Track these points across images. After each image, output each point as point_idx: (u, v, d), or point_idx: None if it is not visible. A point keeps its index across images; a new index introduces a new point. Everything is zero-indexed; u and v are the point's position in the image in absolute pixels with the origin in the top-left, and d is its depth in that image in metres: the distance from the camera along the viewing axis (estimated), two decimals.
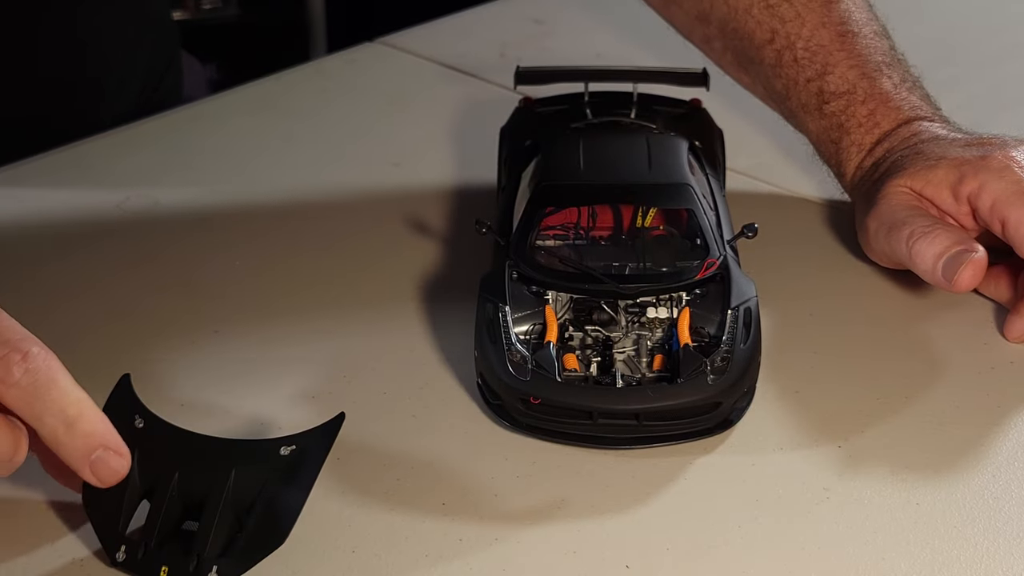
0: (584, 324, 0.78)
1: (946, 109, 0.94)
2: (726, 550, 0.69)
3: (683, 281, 0.78)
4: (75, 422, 0.66)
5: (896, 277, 0.89)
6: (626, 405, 0.74)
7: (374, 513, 0.71)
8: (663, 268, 0.79)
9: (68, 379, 0.66)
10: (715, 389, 0.73)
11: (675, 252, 0.80)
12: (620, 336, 0.78)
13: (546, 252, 0.80)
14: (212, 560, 0.66)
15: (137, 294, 0.89)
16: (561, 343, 0.77)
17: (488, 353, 0.76)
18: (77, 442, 0.66)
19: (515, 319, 0.77)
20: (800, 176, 1.01)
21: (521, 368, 0.74)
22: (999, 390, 0.79)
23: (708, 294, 0.78)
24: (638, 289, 0.78)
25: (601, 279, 0.77)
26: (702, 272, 0.78)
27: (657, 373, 0.76)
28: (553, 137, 0.88)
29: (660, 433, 0.74)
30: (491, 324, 0.76)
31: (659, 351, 0.77)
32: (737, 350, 0.75)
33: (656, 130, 0.90)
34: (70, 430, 0.66)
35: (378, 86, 1.18)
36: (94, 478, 0.66)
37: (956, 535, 0.70)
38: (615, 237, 0.81)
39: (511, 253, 0.79)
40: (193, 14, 2.09)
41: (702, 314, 0.77)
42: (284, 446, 0.68)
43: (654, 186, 0.82)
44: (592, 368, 0.77)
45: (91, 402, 0.67)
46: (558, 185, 0.83)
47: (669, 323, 0.78)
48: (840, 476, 0.73)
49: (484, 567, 0.68)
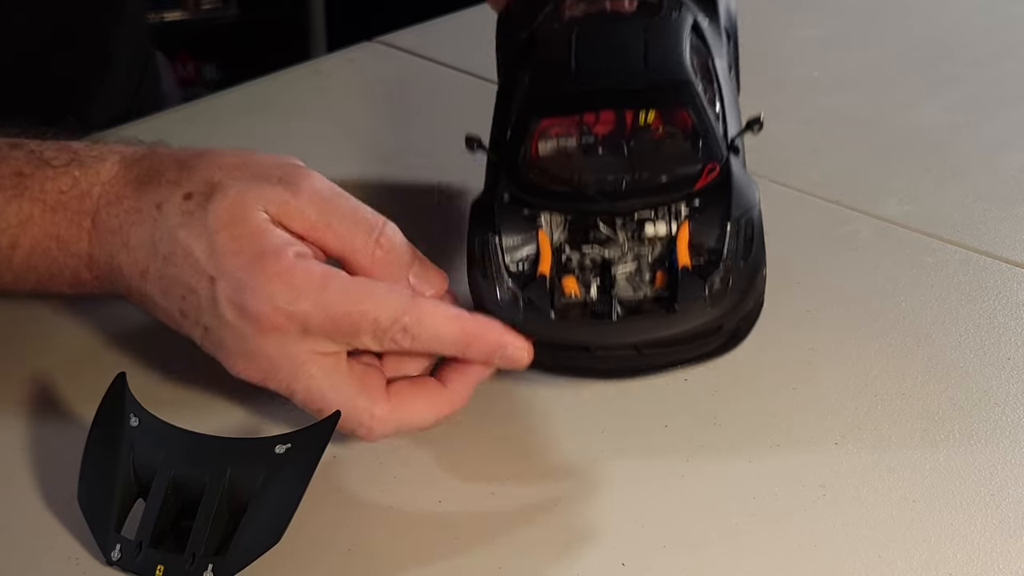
0: (581, 244, 0.75)
1: (946, 107, 0.94)
2: (722, 547, 0.69)
3: (680, 192, 0.74)
4: (468, 348, 0.72)
5: (895, 276, 0.89)
6: (621, 339, 0.72)
7: (369, 512, 0.71)
8: (661, 177, 0.74)
9: (439, 314, 0.72)
10: (714, 314, 0.71)
11: (674, 157, 0.75)
12: (619, 255, 0.74)
13: (538, 169, 0.75)
14: (207, 559, 0.66)
15: None
16: (558, 266, 0.74)
17: (479, 287, 0.74)
18: (478, 358, 0.73)
19: (508, 247, 0.74)
20: (798, 171, 1.01)
21: (512, 305, 0.72)
22: (999, 390, 0.79)
23: (709, 204, 0.74)
24: (633, 205, 0.74)
25: (594, 198, 0.73)
26: (702, 180, 0.74)
27: (658, 292, 0.73)
28: (546, 35, 0.82)
29: (662, 361, 0.73)
30: (481, 256, 0.74)
31: (661, 267, 0.74)
32: (736, 268, 0.71)
33: (654, 4, 0.82)
34: (468, 352, 0.72)
35: (377, 86, 1.18)
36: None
37: (953, 532, 0.69)
38: (611, 143, 0.76)
39: (503, 172, 0.76)
40: (193, 14, 2.09)
41: (703, 228, 0.73)
42: (279, 444, 0.68)
43: (649, 87, 0.76)
44: (592, 291, 0.74)
45: (458, 317, 0.72)
46: (548, 96, 0.77)
47: (668, 239, 0.74)
48: (837, 473, 0.73)
49: (480, 566, 0.68)
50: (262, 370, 0.71)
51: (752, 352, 0.82)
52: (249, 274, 0.70)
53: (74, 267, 0.76)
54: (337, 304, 0.70)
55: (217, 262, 0.71)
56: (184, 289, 0.72)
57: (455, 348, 0.72)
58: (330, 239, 0.73)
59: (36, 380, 0.80)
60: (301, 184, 0.73)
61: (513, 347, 0.72)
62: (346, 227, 0.73)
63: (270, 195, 0.72)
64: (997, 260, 0.91)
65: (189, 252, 0.71)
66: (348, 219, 0.73)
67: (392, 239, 0.73)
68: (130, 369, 0.72)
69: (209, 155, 0.75)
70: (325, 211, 0.73)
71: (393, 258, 0.73)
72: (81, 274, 0.76)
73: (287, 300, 0.70)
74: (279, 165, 0.74)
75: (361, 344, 0.71)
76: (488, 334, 0.72)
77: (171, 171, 0.74)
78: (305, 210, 0.72)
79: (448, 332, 0.71)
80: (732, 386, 0.79)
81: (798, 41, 1.22)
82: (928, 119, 1.08)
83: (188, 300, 0.72)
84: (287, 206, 0.72)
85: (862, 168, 1.02)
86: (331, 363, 0.71)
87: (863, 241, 0.93)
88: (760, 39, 0.98)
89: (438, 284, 0.75)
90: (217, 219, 0.71)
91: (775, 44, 1.19)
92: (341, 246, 0.73)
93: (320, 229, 0.73)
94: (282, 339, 0.70)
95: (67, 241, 0.75)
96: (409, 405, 0.73)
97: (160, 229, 0.72)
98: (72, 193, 0.75)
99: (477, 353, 0.72)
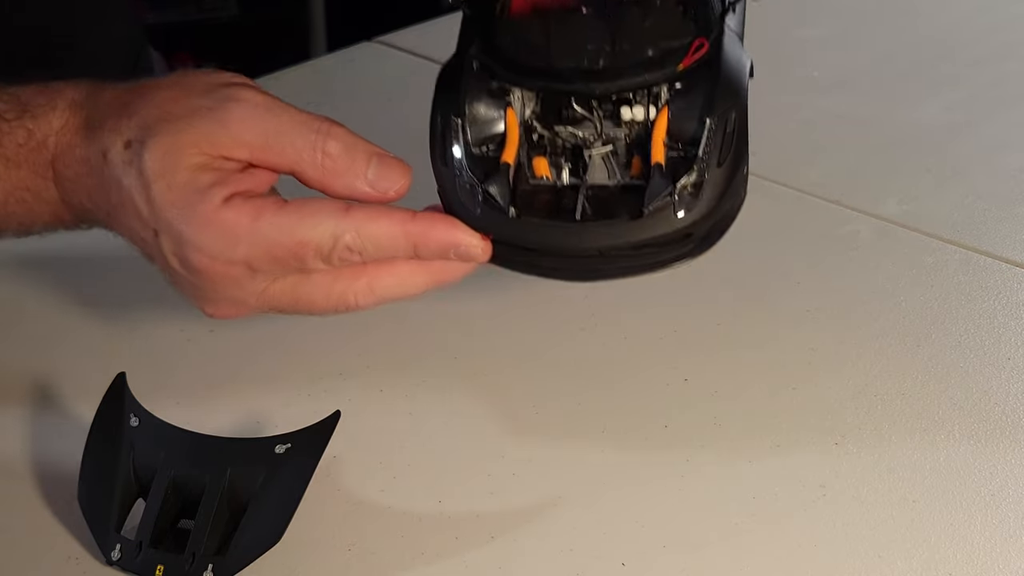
0: (554, 122, 0.70)
1: (946, 107, 0.94)
2: (722, 547, 0.69)
3: (663, 72, 0.68)
4: (418, 250, 0.68)
5: (895, 276, 0.89)
6: (583, 243, 0.67)
7: (370, 511, 0.71)
8: (644, 52, 0.68)
9: (380, 223, 0.68)
10: (683, 223, 0.66)
11: (660, 29, 0.68)
12: (593, 137, 0.69)
13: (512, 34, 0.70)
14: (207, 559, 0.66)
15: (133, 293, 0.89)
16: (529, 143, 0.70)
17: (439, 175, 0.69)
18: (433, 257, 0.69)
19: (472, 123, 0.69)
20: (798, 171, 1.01)
21: (470, 198, 0.68)
22: (998, 390, 0.79)
23: (693, 87, 0.68)
24: (609, 88, 0.68)
25: (568, 77, 0.68)
26: (687, 59, 0.68)
27: (632, 180, 0.68)
28: None
29: (628, 265, 0.68)
30: (442, 138, 0.69)
31: (639, 151, 0.69)
32: (711, 172, 0.66)
33: None
34: (420, 253, 0.69)
35: (377, 85, 1.18)
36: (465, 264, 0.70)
37: (953, 532, 0.69)
38: (594, 8, 0.69)
39: (476, 32, 0.71)
40: (193, 14, 2.09)
41: (683, 115, 0.68)
42: (279, 444, 0.68)
43: None
44: (564, 174, 0.69)
45: (400, 220, 0.68)
46: None
47: (646, 124, 0.69)
48: (836, 473, 0.73)
49: (480, 565, 0.68)
50: (232, 308, 0.71)
51: (752, 352, 0.82)
52: (185, 226, 0.68)
53: (51, 211, 0.75)
54: (272, 240, 0.68)
55: (156, 215, 0.69)
56: (138, 238, 0.71)
57: (405, 252, 0.69)
58: (272, 158, 0.69)
59: (36, 380, 0.80)
60: (231, 109, 0.70)
61: (466, 246, 0.68)
62: (286, 143, 0.69)
63: (202, 132, 0.69)
64: (997, 260, 0.91)
65: (133, 203, 0.70)
66: (287, 134, 0.69)
67: (337, 146, 0.69)
68: (130, 369, 0.72)
69: (147, 91, 0.72)
70: (261, 131, 0.69)
71: (343, 165, 0.69)
72: (61, 215, 0.75)
73: (223, 249, 0.68)
74: (210, 90, 0.71)
75: (315, 268, 0.69)
76: (436, 233, 0.68)
77: (112, 116, 0.72)
78: (241, 136, 0.69)
79: (392, 238, 0.68)
80: (732, 386, 0.79)
81: (798, 41, 1.22)
82: (928, 119, 1.08)
83: (145, 248, 0.71)
84: (220, 140, 0.69)
85: (862, 168, 1.02)
86: (294, 280, 0.70)
87: (863, 241, 0.93)
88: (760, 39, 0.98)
89: (398, 180, 0.70)
90: (152, 169, 0.69)
91: (775, 44, 1.19)
92: (287, 163, 0.70)
93: (261, 151, 0.69)
94: (234, 282, 0.69)
95: (37, 190, 0.75)
96: (386, 276, 0.70)
97: (108, 179, 0.71)
98: (29, 146, 0.74)
99: (429, 253, 0.69)
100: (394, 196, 0.70)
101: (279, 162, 0.70)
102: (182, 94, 0.71)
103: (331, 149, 0.69)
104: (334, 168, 0.69)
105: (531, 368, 0.81)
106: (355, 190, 0.69)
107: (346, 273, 0.69)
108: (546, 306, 0.87)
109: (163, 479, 0.68)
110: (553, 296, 0.87)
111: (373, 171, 0.70)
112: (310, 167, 0.69)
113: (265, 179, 0.70)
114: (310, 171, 0.69)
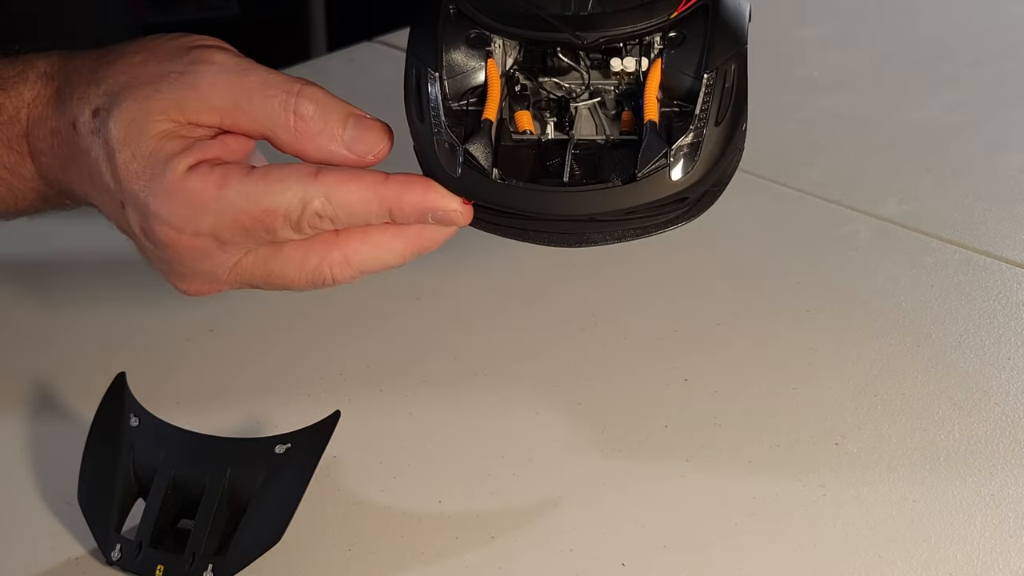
0: (538, 73, 0.66)
1: (946, 107, 0.94)
2: (722, 547, 0.69)
3: (656, 20, 0.63)
4: (394, 215, 0.65)
5: (895, 276, 0.89)
6: (571, 209, 0.63)
7: (370, 511, 0.71)
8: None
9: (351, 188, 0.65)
10: (679, 187, 0.62)
11: None
12: (580, 89, 0.66)
13: None
14: (207, 559, 0.66)
15: (133, 293, 0.89)
16: (511, 94, 0.66)
17: (416, 133, 0.65)
18: (409, 222, 0.66)
19: (450, 74, 0.65)
20: (798, 171, 1.01)
21: (450, 160, 0.63)
22: (998, 390, 0.79)
23: (688, 37, 0.64)
24: (598, 38, 0.63)
25: (553, 24, 0.63)
26: (681, 6, 0.63)
27: (623, 135, 0.65)
28: None
29: (618, 229, 0.64)
30: (417, 92, 0.65)
31: (628, 104, 0.65)
32: (709, 131, 0.62)
33: None
34: (395, 219, 0.66)
35: (377, 85, 1.17)
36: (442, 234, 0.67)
37: (953, 532, 0.69)
38: None
39: None
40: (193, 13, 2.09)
41: (678, 67, 0.64)
42: (279, 444, 0.68)
43: None
44: (548, 129, 0.65)
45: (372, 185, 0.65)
46: None
47: (638, 76, 0.65)
48: (836, 473, 0.73)
49: (480, 565, 0.68)
50: (204, 284, 0.68)
51: (752, 352, 0.82)
52: (151, 197, 0.65)
53: (32, 188, 0.73)
54: (239, 209, 0.64)
55: (121, 187, 0.66)
56: (110, 211, 0.69)
57: (379, 217, 0.65)
58: (244, 122, 0.66)
59: (36, 380, 0.80)
60: (200, 73, 0.66)
61: (444, 210, 0.65)
62: (256, 106, 0.66)
63: (169, 99, 0.66)
64: (997, 260, 0.91)
65: (101, 175, 0.67)
66: (257, 95, 0.66)
67: (310, 106, 0.65)
68: (130, 369, 0.72)
69: (116, 56, 0.69)
70: (230, 95, 0.66)
71: (316, 127, 0.65)
72: (44, 193, 0.73)
73: (188, 221, 0.65)
74: (179, 53, 0.68)
75: (285, 238, 0.66)
76: (411, 197, 0.65)
77: (82, 84, 0.69)
78: (209, 100, 0.66)
79: (365, 204, 0.65)
80: (732, 386, 0.79)
81: (798, 41, 1.22)
82: (928, 119, 1.08)
83: (118, 222, 0.69)
84: (189, 105, 0.66)
85: (862, 168, 1.02)
86: (265, 253, 0.67)
87: (863, 241, 0.93)
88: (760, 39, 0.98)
89: (377, 144, 0.66)
90: (116, 139, 0.66)
91: (775, 44, 1.19)
92: (258, 127, 0.66)
93: (232, 115, 0.66)
94: (204, 255, 0.66)
95: (14, 166, 0.72)
96: (361, 246, 0.67)
97: (78, 150, 0.69)
98: (1, 120, 0.71)
99: (405, 218, 0.65)
100: (373, 160, 0.66)
101: (250, 126, 0.66)
102: (151, 57, 0.68)
103: (303, 110, 0.65)
104: (307, 130, 0.66)
105: (531, 368, 0.81)
106: (330, 153, 0.66)
107: (318, 245, 0.66)
108: (546, 306, 0.87)
109: (163, 479, 0.68)
110: (553, 296, 0.87)
111: (350, 132, 0.66)
112: (282, 130, 0.66)
113: (237, 146, 0.67)
114: (283, 134, 0.66)
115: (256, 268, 0.67)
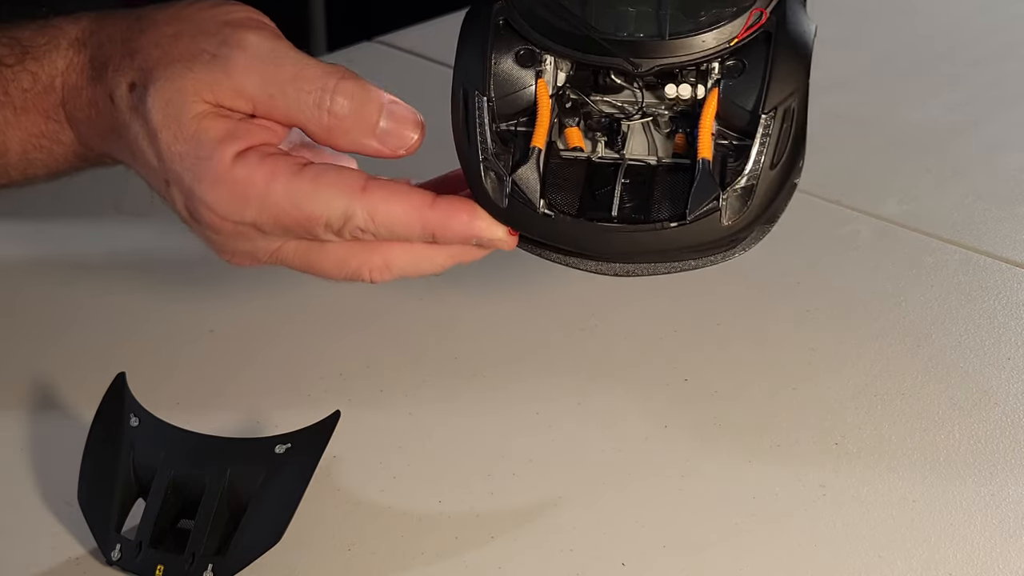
0: (590, 90, 0.64)
1: (946, 107, 0.94)
2: (722, 547, 0.69)
3: (713, 49, 0.61)
4: (436, 238, 0.65)
5: (895, 276, 0.89)
6: (619, 249, 0.62)
7: (370, 511, 0.71)
8: (693, 21, 0.61)
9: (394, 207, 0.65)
10: (729, 231, 0.61)
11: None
12: (633, 109, 0.64)
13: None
14: (207, 559, 0.66)
15: (133, 293, 0.89)
16: (560, 111, 0.64)
17: (463, 154, 0.63)
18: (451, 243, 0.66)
19: (499, 96, 0.63)
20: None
21: (496, 189, 0.62)
22: (998, 390, 0.79)
23: (748, 67, 0.62)
24: (653, 66, 0.61)
25: (608, 49, 0.62)
26: (742, 33, 0.61)
27: (675, 160, 0.63)
28: None
29: (664, 264, 0.64)
30: (465, 117, 0.63)
31: (682, 127, 0.64)
32: (763, 174, 0.61)
33: None
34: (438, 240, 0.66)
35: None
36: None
37: (953, 532, 0.69)
38: None
39: None
40: None
41: (735, 100, 0.61)
42: (279, 444, 0.68)
43: None
44: (599, 147, 0.64)
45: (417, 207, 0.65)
46: None
47: (693, 102, 0.63)
48: (836, 473, 0.73)
49: (480, 565, 0.68)
50: (246, 259, 0.69)
51: (752, 352, 0.82)
52: (194, 181, 0.65)
53: (73, 152, 0.73)
54: (281, 209, 0.65)
55: (165, 166, 0.66)
56: (154, 185, 0.69)
57: (422, 239, 0.65)
58: (277, 112, 0.66)
59: (36, 380, 0.80)
60: (234, 56, 0.65)
61: (488, 236, 0.65)
62: (290, 99, 0.65)
63: (203, 80, 0.65)
64: (997, 260, 0.91)
65: (143, 152, 0.67)
66: (291, 88, 0.65)
67: (345, 104, 0.65)
68: (130, 369, 0.72)
69: (148, 24, 0.69)
70: (263, 85, 0.65)
71: (350, 124, 0.65)
72: (84, 155, 0.73)
73: (233, 211, 0.65)
74: (215, 30, 0.67)
75: (326, 240, 0.66)
76: (456, 225, 0.65)
77: (116, 55, 0.69)
78: (243, 87, 0.65)
79: (408, 227, 0.65)
80: (732, 386, 0.79)
81: None
82: (928, 119, 1.08)
83: (162, 194, 0.69)
84: (222, 89, 0.65)
85: (862, 168, 1.02)
86: (307, 245, 0.67)
87: (863, 241, 0.93)
88: None
89: (408, 138, 0.66)
90: (156, 119, 0.66)
91: None
92: (290, 118, 0.66)
93: (264, 103, 0.65)
94: (246, 239, 0.67)
95: (53, 134, 0.72)
96: (403, 255, 0.67)
97: (118, 123, 0.68)
98: (36, 90, 0.71)
99: (447, 241, 0.65)
100: (404, 154, 0.66)
101: (282, 117, 0.66)
102: (184, 30, 0.67)
103: (338, 108, 0.65)
104: (340, 127, 0.65)
105: (531, 368, 0.81)
106: (362, 147, 0.66)
107: (360, 249, 0.67)
108: (546, 306, 0.87)
109: (163, 479, 0.68)
110: (553, 296, 0.87)
111: (382, 126, 0.66)
112: (315, 124, 0.66)
113: (281, 128, 0.67)
114: (315, 128, 0.66)
115: (296, 256, 0.68)
